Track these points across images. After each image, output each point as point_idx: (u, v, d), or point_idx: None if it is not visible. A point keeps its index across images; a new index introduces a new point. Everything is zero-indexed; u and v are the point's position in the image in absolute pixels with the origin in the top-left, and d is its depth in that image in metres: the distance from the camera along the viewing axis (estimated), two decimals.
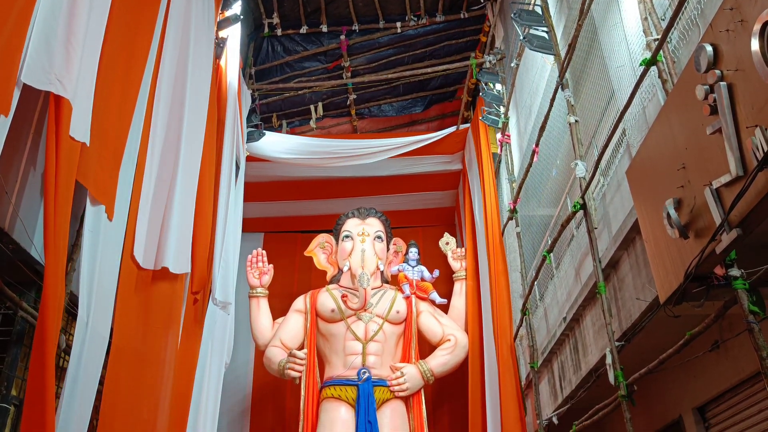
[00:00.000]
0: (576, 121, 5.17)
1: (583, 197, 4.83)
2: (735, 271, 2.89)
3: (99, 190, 4.47)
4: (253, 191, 8.85)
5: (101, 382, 4.41)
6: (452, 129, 8.99)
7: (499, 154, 8.17)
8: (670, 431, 5.47)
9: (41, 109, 4.39)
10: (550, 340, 6.13)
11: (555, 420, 5.95)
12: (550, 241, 5.82)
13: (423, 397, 7.70)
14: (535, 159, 6.35)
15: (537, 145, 6.21)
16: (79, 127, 3.92)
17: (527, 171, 6.66)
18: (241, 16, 7.40)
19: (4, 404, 4.20)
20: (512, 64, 7.42)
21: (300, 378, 7.39)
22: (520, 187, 7.04)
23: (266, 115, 9.75)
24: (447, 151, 9.09)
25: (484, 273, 7.57)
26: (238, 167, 7.98)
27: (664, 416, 5.44)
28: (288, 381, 7.87)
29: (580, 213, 4.93)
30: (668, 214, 3.03)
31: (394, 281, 8.39)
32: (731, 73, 2.52)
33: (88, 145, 4.05)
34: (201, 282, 5.89)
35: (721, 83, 2.55)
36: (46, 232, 3.62)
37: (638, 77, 3.84)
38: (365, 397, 7.24)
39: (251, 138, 8.43)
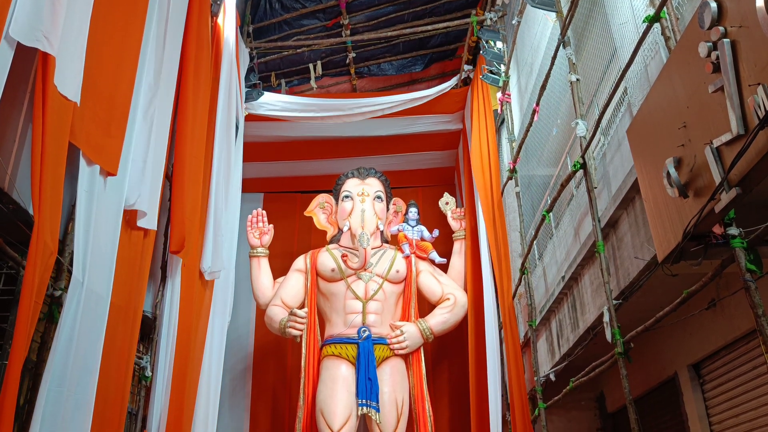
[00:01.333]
0: (577, 79, 5.12)
1: (583, 156, 4.81)
2: (733, 230, 2.89)
3: (93, 149, 4.45)
4: (252, 151, 8.81)
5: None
6: (453, 82, 8.87)
7: (499, 113, 8.11)
8: (665, 388, 5.56)
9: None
10: (548, 299, 6.19)
11: (552, 377, 6.04)
12: (549, 201, 5.82)
13: (422, 355, 7.80)
14: (535, 118, 6.31)
15: (537, 104, 6.16)
16: (69, 85, 3.89)
17: (527, 130, 6.63)
18: None
19: (6, 362, 4.26)
20: (513, 22, 7.32)
21: (301, 336, 7.48)
22: (520, 147, 7.01)
23: (265, 74, 9.64)
24: (447, 110, 9.02)
25: (483, 233, 7.59)
26: (237, 127, 7.93)
27: (660, 373, 5.52)
28: (289, 339, 7.96)
29: (580, 172, 4.92)
30: (668, 173, 3.02)
31: (393, 241, 8.42)
32: (735, 29, 2.48)
33: (79, 104, 4.03)
34: (180, 242, 5.89)
35: (725, 40, 2.51)
36: (33, 190, 3.63)
37: (641, 34, 3.79)
38: (365, 355, 7.33)
39: (250, 97, 8.36)
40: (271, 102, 8.53)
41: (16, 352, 3.42)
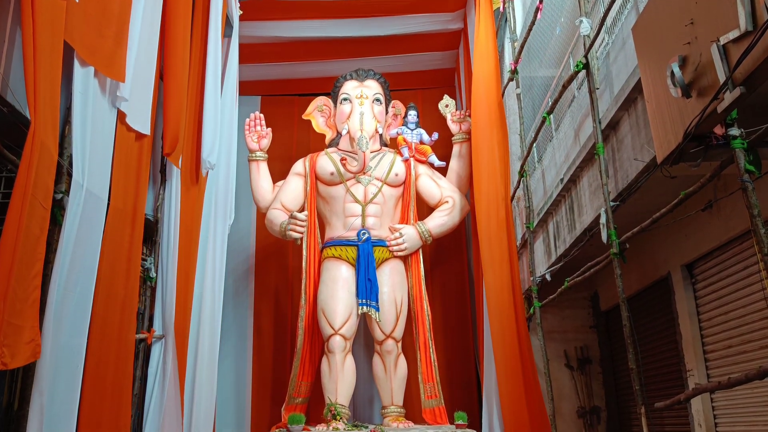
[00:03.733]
0: None
1: (586, 56, 4.71)
2: (735, 131, 2.87)
3: (87, 50, 4.36)
4: (248, 53, 8.60)
5: None
6: None
7: (501, 11, 7.87)
8: (657, 287, 5.70)
9: None
10: (546, 201, 6.23)
11: (548, 277, 6.18)
12: (550, 103, 5.75)
13: (421, 257, 7.93)
14: (538, 17, 6.12)
15: (541, 1, 5.97)
16: None
17: (530, 29, 6.45)
18: None
19: None
20: None
21: (301, 239, 7.58)
22: (522, 47, 6.84)
23: None
24: (447, 8, 8.74)
25: (482, 135, 7.52)
26: (231, 26, 7.72)
27: (654, 273, 5.64)
28: (290, 242, 8.07)
29: (582, 73, 4.83)
30: (672, 73, 2.96)
31: (392, 144, 8.37)
32: None
33: (77, 0, 3.91)
34: (173, 143, 5.87)
35: None
36: (27, 90, 3.58)
37: None
38: (365, 257, 7.46)
39: None
40: None
41: (4, 249, 3.45)
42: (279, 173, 8.31)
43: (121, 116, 4.95)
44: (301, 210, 7.77)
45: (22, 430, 3.94)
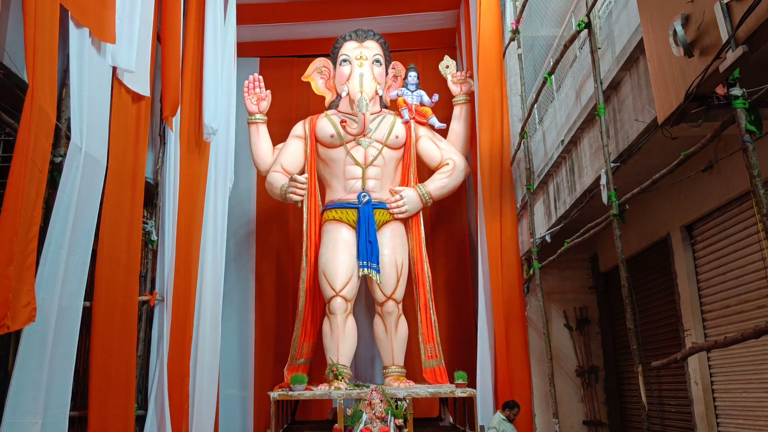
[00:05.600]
0: None
1: (588, 15, 4.64)
2: (736, 91, 2.85)
3: (81, 11, 4.30)
4: (246, 13, 8.48)
5: None
6: None
7: None
8: (657, 248, 5.71)
9: None
10: (546, 163, 6.20)
11: (548, 238, 6.19)
12: (552, 63, 5.68)
13: (421, 219, 7.95)
14: None
15: None
16: None
17: None
18: None
19: None
20: None
21: (302, 201, 7.59)
22: (523, 6, 6.74)
23: None
24: None
25: (483, 96, 7.47)
26: None
27: (653, 234, 5.65)
28: (290, 204, 8.08)
29: (584, 32, 4.77)
30: (675, 31, 2.92)
31: (393, 106, 8.31)
32: None
33: None
34: (174, 106, 5.83)
35: None
36: (27, 53, 3.55)
37: None
38: (365, 219, 7.48)
39: None
40: None
41: (7, 213, 3.46)
42: (279, 136, 8.28)
43: (117, 78, 4.91)
44: (302, 173, 7.76)
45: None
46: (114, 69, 4.88)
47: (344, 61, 8.00)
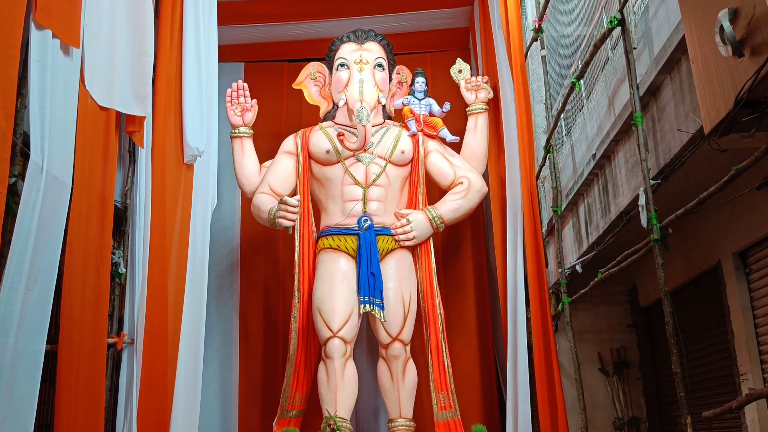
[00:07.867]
0: None
1: (621, 11, 4.69)
2: None
3: (43, 10, 4.35)
4: (229, 12, 8.57)
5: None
6: None
7: None
8: (706, 278, 5.70)
9: None
10: (576, 181, 6.23)
11: (579, 268, 6.19)
12: (580, 66, 5.73)
13: (432, 247, 7.94)
14: None
15: None
16: None
17: None
18: None
19: None
20: None
21: (293, 227, 7.57)
22: (547, 2, 6.81)
23: None
24: None
25: (504, 105, 7.50)
26: None
27: (701, 262, 5.64)
28: (280, 231, 8.08)
29: (618, 30, 4.81)
30: (721, 28, 2.95)
31: (398, 117, 8.36)
32: None
33: None
34: (140, 119, 5.88)
35: None
36: None
37: None
38: (367, 247, 7.46)
39: None
40: None
41: None
42: (266, 152, 8.31)
43: (83, 84, 4.95)
44: (293, 194, 7.78)
45: None
46: (81, 77, 4.91)
47: (341, 65, 8.07)
